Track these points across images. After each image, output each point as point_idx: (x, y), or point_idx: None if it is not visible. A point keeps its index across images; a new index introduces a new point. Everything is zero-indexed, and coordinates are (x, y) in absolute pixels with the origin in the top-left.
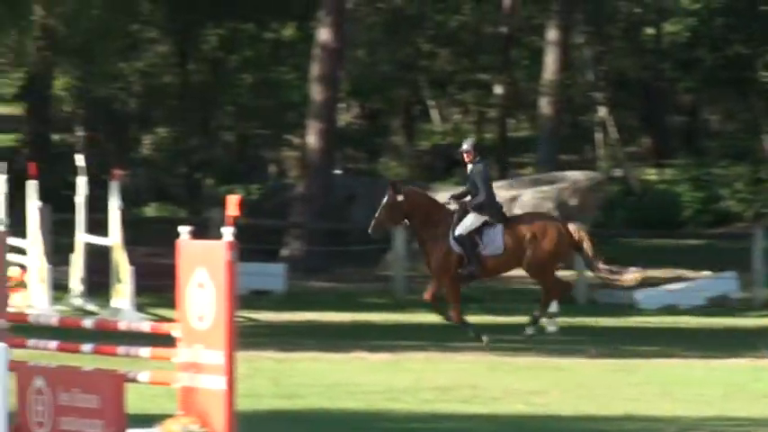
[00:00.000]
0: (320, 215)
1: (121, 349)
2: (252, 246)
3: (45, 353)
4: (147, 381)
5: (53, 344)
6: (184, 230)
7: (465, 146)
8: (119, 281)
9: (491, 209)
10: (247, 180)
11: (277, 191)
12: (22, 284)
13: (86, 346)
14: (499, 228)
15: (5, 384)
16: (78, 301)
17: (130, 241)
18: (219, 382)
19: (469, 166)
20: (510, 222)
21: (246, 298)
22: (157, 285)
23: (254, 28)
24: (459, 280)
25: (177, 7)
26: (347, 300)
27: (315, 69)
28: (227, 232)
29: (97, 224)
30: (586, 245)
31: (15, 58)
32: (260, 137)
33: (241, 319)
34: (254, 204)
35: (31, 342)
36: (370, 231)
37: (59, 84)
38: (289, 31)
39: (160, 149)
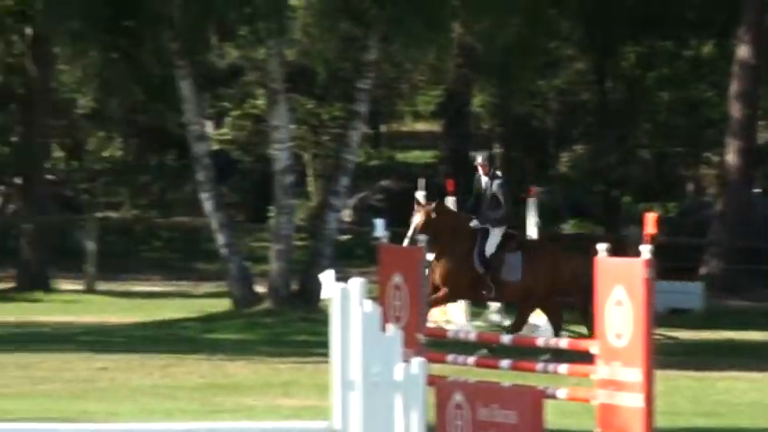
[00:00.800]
0: (739, 233)
1: (539, 365)
2: (669, 264)
3: (463, 368)
4: (565, 397)
5: (471, 359)
6: (602, 248)
7: (479, 158)
8: None
9: (509, 223)
10: (665, 198)
11: (695, 209)
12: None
13: (504, 362)
14: (519, 255)
15: (424, 399)
16: (496, 318)
17: None
18: (637, 400)
19: (485, 179)
20: (527, 248)
21: (664, 316)
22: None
23: (672, 45)
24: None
25: (596, 25)
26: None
27: (734, 87)
28: (645, 250)
29: None
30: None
31: (434, 75)
32: (677, 154)
33: (659, 337)
34: (671, 222)
35: (450, 357)
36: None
37: (477, 101)
38: (707, 48)
39: (577, 167)
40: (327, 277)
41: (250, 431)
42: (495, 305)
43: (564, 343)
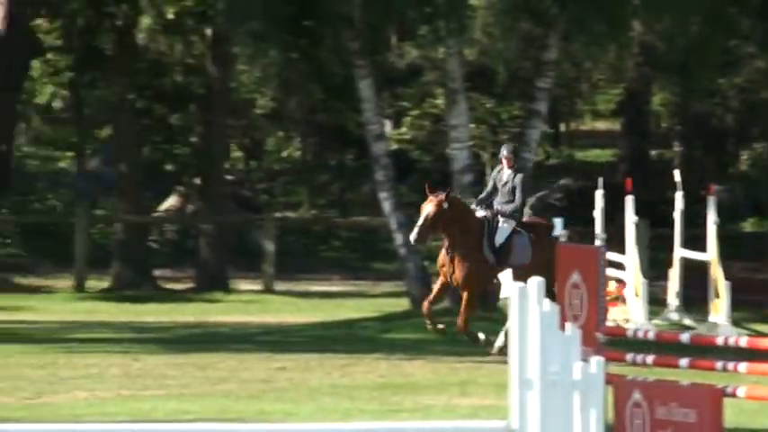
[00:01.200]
0: None
1: (718, 364)
2: None
3: (642, 368)
4: (744, 396)
5: (650, 358)
6: None
7: (505, 151)
8: (716, 296)
9: (520, 216)
10: None
11: None
12: (619, 299)
13: (683, 361)
14: (526, 237)
15: (603, 398)
16: (675, 316)
17: (727, 256)
18: None
19: (508, 172)
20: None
21: None
22: (754, 300)
23: None
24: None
25: None
26: None
27: None
28: None
29: (694, 239)
30: None
31: (614, 74)
32: None
33: None
34: None
35: (629, 356)
36: (412, 239)
37: (657, 99)
38: None
39: (757, 165)
40: (506, 277)
41: (428, 431)
42: (674, 304)
43: (743, 341)
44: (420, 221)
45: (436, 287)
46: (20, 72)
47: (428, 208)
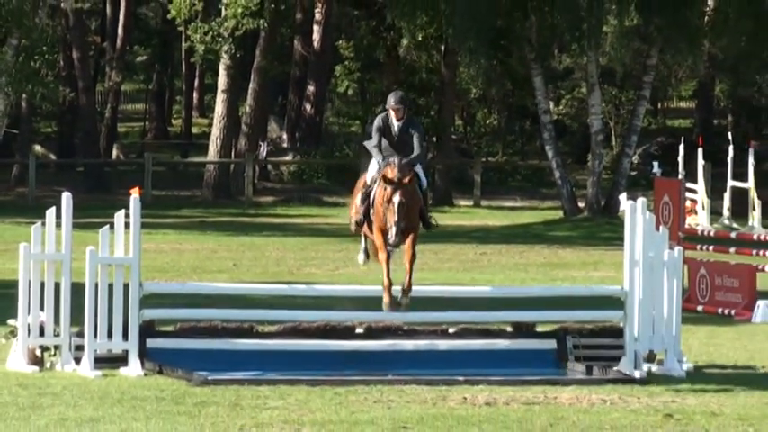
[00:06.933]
0: None
1: (753, 251)
2: None
3: (706, 253)
4: None
5: (711, 247)
6: None
7: (392, 101)
8: (752, 209)
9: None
10: None
11: None
12: (693, 211)
13: (731, 249)
14: None
15: (681, 272)
16: (726, 222)
17: (760, 185)
18: None
19: (397, 124)
20: None
21: None
22: None
23: None
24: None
25: None
26: None
27: None
28: None
29: (740, 174)
30: None
31: (691, 72)
32: None
33: None
34: None
35: (698, 246)
36: (394, 243)
37: (718, 88)
38: None
39: None
40: (623, 198)
41: (562, 292)
42: (726, 214)
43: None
44: (395, 219)
45: (383, 237)
46: (328, 73)
47: (396, 201)
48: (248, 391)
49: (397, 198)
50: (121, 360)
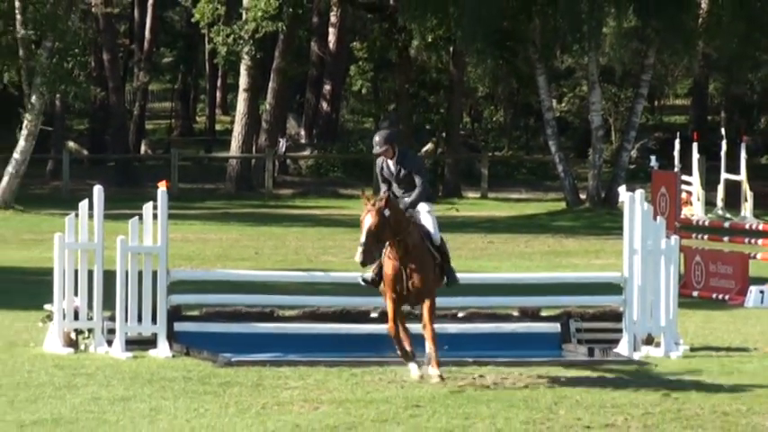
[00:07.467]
0: None
1: (746, 239)
2: None
3: (700, 241)
4: (760, 258)
5: (705, 236)
6: None
7: (377, 139)
8: (745, 200)
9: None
10: None
11: None
12: (688, 202)
13: (725, 238)
14: None
15: (677, 259)
16: (720, 212)
17: (752, 178)
18: None
19: (391, 162)
20: None
21: None
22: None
23: None
24: None
25: None
26: None
27: None
28: None
29: (732, 168)
30: None
31: (686, 71)
32: None
33: None
34: None
35: (693, 235)
36: (357, 260)
37: (712, 86)
38: None
39: None
40: (622, 190)
41: (565, 279)
42: (720, 205)
43: (761, 226)
44: (362, 239)
45: (393, 307)
46: (343, 72)
47: (368, 220)
48: (270, 371)
49: (366, 219)
50: (150, 343)
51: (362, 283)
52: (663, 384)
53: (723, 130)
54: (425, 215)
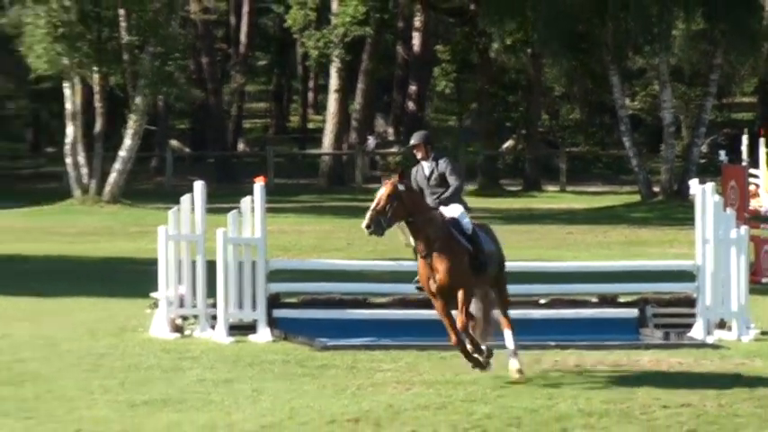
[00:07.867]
0: None
1: None
2: None
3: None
4: None
5: None
6: None
7: (414, 141)
8: None
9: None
10: None
11: None
12: (756, 194)
13: None
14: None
15: (747, 248)
16: None
17: None
18: None
19: (427, 164)
20: None
21: None
22: None
23: None
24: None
25: None
26: None
27: None
28: None
29: None
30: None
31: (752, 70)
32: None
33: None
34: None
35: (762, 225)
36: (364, 225)
37: None
38: None
39: None
40: (694, 182)
41: (645, 267)
42: None
43: None
44: (372, 205)
45: (437, 305)
46: (427, 74)
47: (381, 190)
48: (364, 355)
49: (380, 190)
50: (251, 328)
51: (417, 291)
52: (735, 366)
53: None
54: (455, 206)
